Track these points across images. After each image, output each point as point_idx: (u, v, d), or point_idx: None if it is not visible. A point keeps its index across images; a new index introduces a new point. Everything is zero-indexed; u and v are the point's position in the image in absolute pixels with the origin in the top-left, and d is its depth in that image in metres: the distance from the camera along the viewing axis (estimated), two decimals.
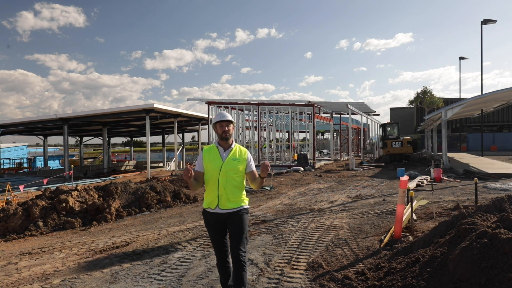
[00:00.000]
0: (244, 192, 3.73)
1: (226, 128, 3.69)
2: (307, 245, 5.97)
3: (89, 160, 51.01)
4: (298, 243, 6.10)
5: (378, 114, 42.81)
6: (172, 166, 30.84)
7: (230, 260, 3.62)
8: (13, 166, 39.48)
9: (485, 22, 30.67)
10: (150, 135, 32.65)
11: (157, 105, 21.37)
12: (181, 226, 7.85)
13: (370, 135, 43.14)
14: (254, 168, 3.78)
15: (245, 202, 3.69)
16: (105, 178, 21.71)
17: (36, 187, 16.80)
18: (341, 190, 12.53)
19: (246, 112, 26.59)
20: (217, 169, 3.57)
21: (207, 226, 3.71)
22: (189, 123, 31.70)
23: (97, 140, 42.51)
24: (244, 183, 3.74)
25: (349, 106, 25.66)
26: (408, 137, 26.12)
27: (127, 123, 29.81)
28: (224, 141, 3.69)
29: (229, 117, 3.77)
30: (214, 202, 3.56)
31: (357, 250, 5.58)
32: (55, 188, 10.27)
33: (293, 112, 26.58)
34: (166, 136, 39.65)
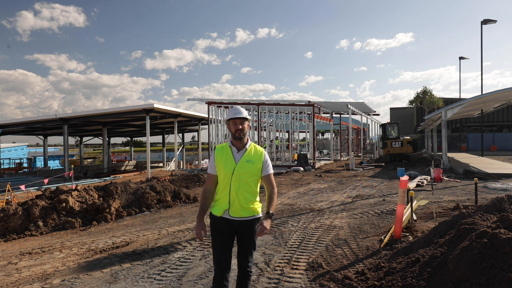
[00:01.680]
0: (258, 198, 3.31)
1: (240, 127, 3.25)
2: (307, 245, 5.97)
3: (89, 160, 51.04)
4: (298, 243, 6.10)
5: (378, 114, 42.79)
6: (172, 166, 30.82)
7: (229, 276, 3.23)
8: (13, 166, 39.48)
9: (485, 22, 30.66)
10: (150, 135, 32.66)
11: (157, 105, 21.37)
12: (181, 226, 7.85)
13: (370, 135, 43.15)
14: (271, 172, 3.35)
15: (259, 211, 3.29)
16: (105, 178, 21.71)
17: (36, 187, 16.80)
18: (341, 190, 12.53)
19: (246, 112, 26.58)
20: (229, 173, 3.18)
21: (212, 230, 3.27)
22: (189, 123, 31.71)
23: (97, 140, 42.53)
24: (259, 187, 3.33)
25: (349, 106, 25.66)
26: (408, 137, 26.11)
27: (127, 123, 29.81)
28: (237, 140, 3.26)
29: (244, 114, 3.30)
30: (224, 209, 3.18)
31: (357, 250, 5.58)
32: (55, 188, 10.27)
33: (293, 112, 26.59)
34: (166, 136, 39.66)
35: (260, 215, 3.30)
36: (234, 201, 3.15)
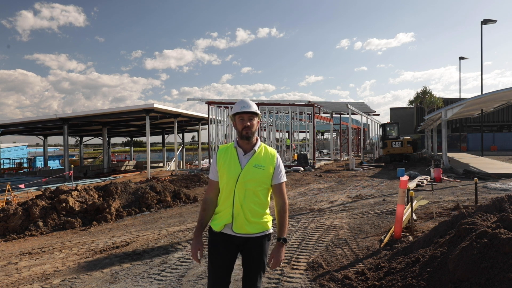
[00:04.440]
0: (268, 211, 2.75)
1: (248, 124, 2.66)
2: (307, 245, 5.97)
3: (89, 160, 51.06)
4: (298, 243, 6.10)
5: (378, 114, 42.84)
6: (172, 166, 30.82)
7: None
8: (13, 166, 39.47)
9: (485, 22, 30.65)
10: (150, 135, 32.66)
11: (157, 105, 21.36)
12: (181, 226, 7.85)
13: (370, 135, 43.17)
14: (284, 180, 2.75)
15: (269, 225, 2.72)
16: (105, 178, 21.70)
17: (36, 187, 16.80)
18: (341, 190, 12.53)
19: None
20: (233, 179, 2.61)
21: (210, 248, 2.76)
22: (189, 123, 31.71)
23: (97, 140, 42.54)
24: (269, 198, 2.77)
25: (349, 106, 25.67)
26: (408, 137, 26.12)
27: (127, 123, 29.81)
28: (244, 140, 2.68)
29: (254, 108, 2.69)
30: (226, 223, 2.65)
31: (357, 250, 5.58)
32: (55, 188, 10.27)
33: (293, 112, 26.60)
34: (166, 136, 39.67)
35: (271, 230, 2.77)
36: (239, 214, 2.61)
